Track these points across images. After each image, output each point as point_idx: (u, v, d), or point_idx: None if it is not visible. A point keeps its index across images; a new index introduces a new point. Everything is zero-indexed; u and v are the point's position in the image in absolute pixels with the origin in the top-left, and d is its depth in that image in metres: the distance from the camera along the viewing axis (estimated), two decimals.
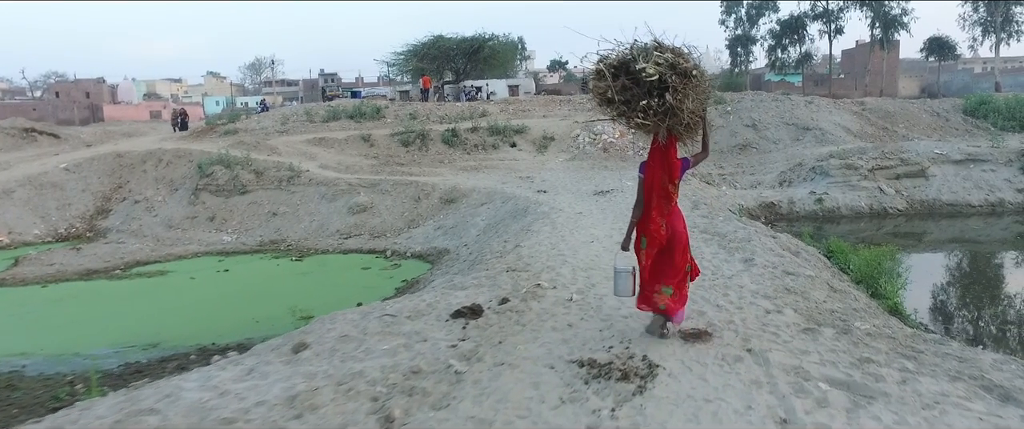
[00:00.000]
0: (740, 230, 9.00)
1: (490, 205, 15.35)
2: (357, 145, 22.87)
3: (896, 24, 44.82)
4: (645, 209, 4.84)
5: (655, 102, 4.43)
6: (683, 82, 4.46)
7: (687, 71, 4.50)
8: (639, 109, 4.49)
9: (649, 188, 4.80)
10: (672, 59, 4.47)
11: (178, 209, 18.51)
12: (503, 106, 29.68)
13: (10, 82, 69.48)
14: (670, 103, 4.39)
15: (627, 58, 4.60)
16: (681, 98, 4.42)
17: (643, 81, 4.44)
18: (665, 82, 4.41)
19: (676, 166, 4.75)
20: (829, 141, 22.73)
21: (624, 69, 4.58)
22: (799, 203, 17.02)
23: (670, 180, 4.73)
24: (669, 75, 4.41)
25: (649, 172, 4.80)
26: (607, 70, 4.61)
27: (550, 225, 10.52)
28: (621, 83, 4.54)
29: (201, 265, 14.27)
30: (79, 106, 52.37)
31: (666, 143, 4.73)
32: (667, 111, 4.43)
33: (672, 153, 4.75)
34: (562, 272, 7.07)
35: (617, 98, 4.57)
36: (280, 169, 19.09)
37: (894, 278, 7.97)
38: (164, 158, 20.86)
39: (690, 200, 13.28)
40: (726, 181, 19.95)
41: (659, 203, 4.77)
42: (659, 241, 4.78)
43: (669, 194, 4.78)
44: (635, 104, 4.50)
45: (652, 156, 4.84)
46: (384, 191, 17.48)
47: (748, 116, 24.81)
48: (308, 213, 17.33)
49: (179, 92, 71.43)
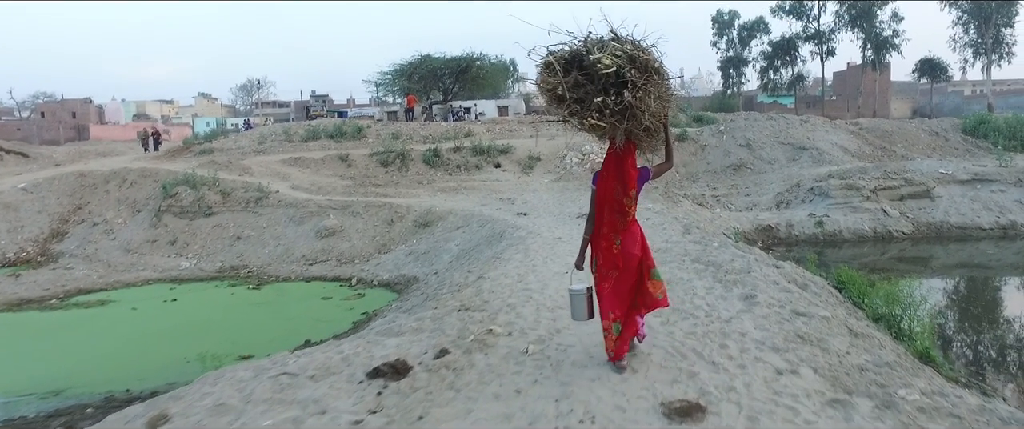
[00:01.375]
0: (738, 259, 7.71)
1: (466, 229, 14.07)
2: (334, 165, 21.60)
3: (888, 46, 44.08)
4: (596, 225, 4.34)
5: (611, 99, 3.89)
6: (643, 78, 3.94)
7: (647, 65, 3.98)
8: (593, 107, 3.92)
9: (602, 201, 4.28)
10: (631, 51, 3.96)
11: (138, 232, 17.16)
12: (490, 126, 28.52)
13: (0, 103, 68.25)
14: (628, 101, 3.85)
15: (580, 51, 4.07)
16: (641, 96, 3.90)
17: (598, 76, 3.92)
18: (623, 77, 3.88)
19: (632, 176, 4.18)
20: (826, 161, 21.58)
21: (577, 63, 4.04)
22: (798, 226, 15.78)
23: (625, 192, 4.18)
24: (627, 69, 3.89)
25: (602, 183, 4.28)
26: (557, 63, 4.06)
27: (523, 252, 9.22)
28: (573, 78, 3.99)
29: (148, 294, 12.90)
30: (65, 126, 51.11)
31: (623, 150, 4.16)
32: (625, 111, 3.90)
33: (629, 161, 4.18)
34: (523, 312, 5.77)
35: (568, 95, 3.99)
36: (248, 190, 17.79)
37: (918, 315, 6.68)
38: (128, 178, 19.54)
39: (681, 224, 12.03)
40: (720, 203, 18.72)
41: (611, 218, 4.25)
42: (613, 262, 4.27)
43: (624, 208, 4.23)
44: (589, 102, 3.94)
45: (606, 164, 4.30)
46: (355, 214, 16.17)
47: (742, 135, 23.66)
48: (273, 237, 15.99)
49: (170, 113, 70.36)
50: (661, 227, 11.24)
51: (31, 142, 46.99)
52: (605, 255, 4.30)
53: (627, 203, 4.25)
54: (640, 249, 4.37)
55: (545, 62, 4.18)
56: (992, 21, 40.75)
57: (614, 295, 4.30)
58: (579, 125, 4.17)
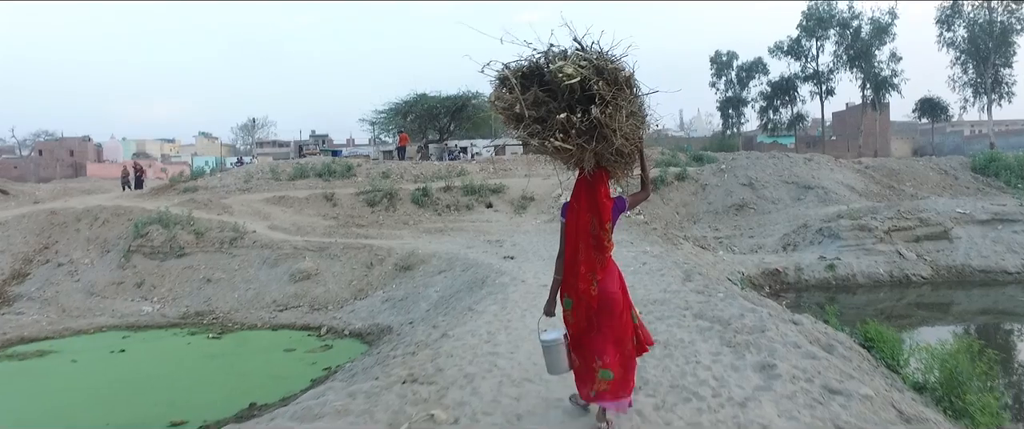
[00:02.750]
0: (748, 313, 6.46)
1: (449, 273, 12.84)
2: (318, 204, 20.48)
3: (887, 85, 43.35)
4: (569, 263, 3.80)
5: (577, 117, 3.39)
6: (612, 91, 3.42)
7: (617, 77, 3.46)
8: (556, 126, 3.41)
9: (573, 235, 3.77)
10: (598, 62, 3.44)
11: (105, 273, 15.95)
12: (483, 165, 27.51)
13: (2, 141, 67.87)
14: (596, 118, 3.36)
15: (540, 63, 3.59)
16: (611, 112, 3.40)
17: (561, 90, 3.41)
18: (589, 90, 3.38)
19: (607, 207, 3.70)
20: (833, 200, 20.40)
21: (537, 77, 3.56)
22: (808, 270, 14.52)
23: (600, 224, 3.69)
24: (594, 81, 3.37)
25: (573, 215, 3.78)
26: (514, 78, 3.56)
27: (500, 303, 7.98)
28: (533, 95, 3.50)
29: (97, 344, 11.64)
30: (62, 164, 50.48)
31: (594, 177, 3.71)
32: (593, 130, 3.41)
33: (602, 190, 3.72)
34: (481, 387, 4.52)
35: (527, 113, 3.49)
36: (223, 230, 16.62)
37: (981, 386, 5.40)
38: (101, 216, 18.42)
39: (682, 269, 10.79)
40: (723, 245, 17.49)
41: (587, 254, 3.72)
42: (587, 304, 3.72)
43: (601, 242, 3.72)
44: (551, 121, 3.44)
45: (576, 194, 3.79)
46: (333, 256, 14.96)
47: (744, 174, 22.55)
48: (245, 280, 14.76)
49: (171, 152, 69.90)
50: (660, 273, 10.00)
51: (27, 180, 46.35)
52: (582, 296, 3.72)
53: (603, 236, 3.71)
54: (620, 287, 3.83)
55: (500, 77, 3.67)
56: (990, 61, 40.09)
57: (600, 342, 3.73)
58: (541, 148, 3.62)
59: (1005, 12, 39.04)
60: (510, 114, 3.63)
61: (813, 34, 44.95)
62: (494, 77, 3.75)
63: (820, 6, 44.01)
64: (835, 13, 43.72)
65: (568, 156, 3.60)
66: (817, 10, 44.12)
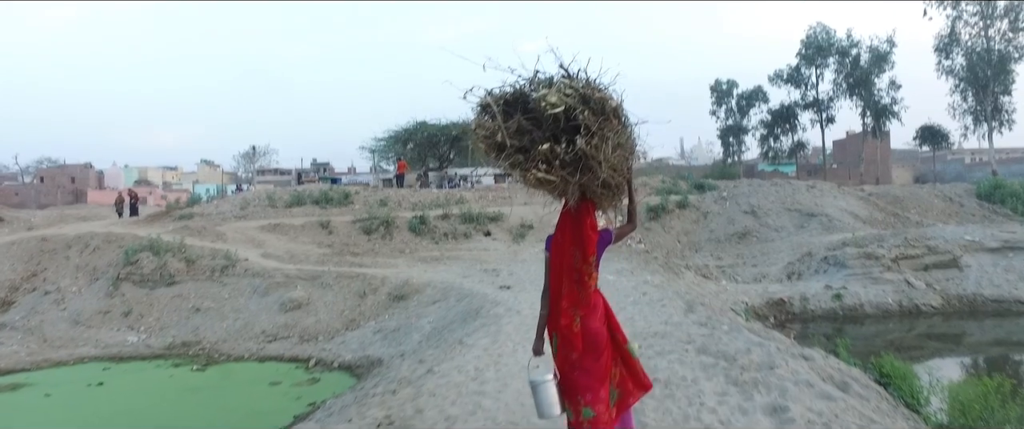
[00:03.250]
0: (755, 348, 6.01)
1: (443, 303, 12.40)
2: (313, 232, 20.09)
3: (887, 113, 43.17)
4: (552, 298, 3.64)
5: (561, 148, 3.25)
6: (599, 121, 3.28)
7: (603, 107, 3.32)
8: (539, 156, 3.26)
9: (557, 269, 3.62)
10: (584, 90, 3.30)
11: (92, 302, 15.50)
12: (483, 193, 27.20)
13: (4, 168, 67.86)
14: (581, 149, 3.21)
15: (524, 90, 3.45)
16: (597, 143, 3.25)
17: (545, 119, 3.28)
18: (575, 119, 3.25)
19: (591, 240, 3.55)
20: (837, 228, 19.99)
21: (520, 105, 3.41)
22: (814, 300, 14.03)
23: (584, 258, 3.54)
24: (579, 110, 3.24)
25: (556, 247, 3.64)
26: (496, 105, 3.43)
27: (492, 336, 7.54)
28: (516, 123, 3.36)
29: (75, 376, 11.16)
30: (63, 191, 50.31)
31: (579, 209, 3.55)
32: (578, 161, 3.26)
33: (586, 222, 3.56)
34: None
35: (509, 142, 3.34)
36: (215, 257, 16.21)
37: None
38: (92, 243, 18.02)
39: (684, 299, 10.35)
40: (726, 274, 17.03)
41: (570, 290, 3.57)
42: (572, 342, 3.56)
43: (582, 278, 3.56)
44: (534, 151, 3.29)
45: (561, 226, 3.65)
46: (325, 285, 14.52)
47: (746, 202, 22.18)
48: (234, 310, 14.30)
49: (173, 179, 69.83)
50: (661, 304, 9.55)
51: (27, 206, 46.12)
52: (564, 335, 3.56)
53: (586, 271, 3.54)
54: (604, 323, 3.64)
55: (482, 103, 3.51)
56: (990, 89, 39.97)
57: (584, 379, 3.54)
58: (523, 179, 3.43)
59: (1002, 41, 39.04)
60: (491, 143, 3.44)
61: (812, 62, 44.96)
62: (476, 104, 3.57)
63: (819, 34, 44.09)
64: (834, 41, 43.77)
65: (552, 187, 3.42)
66: (816, 38, 44.18)
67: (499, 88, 3.51)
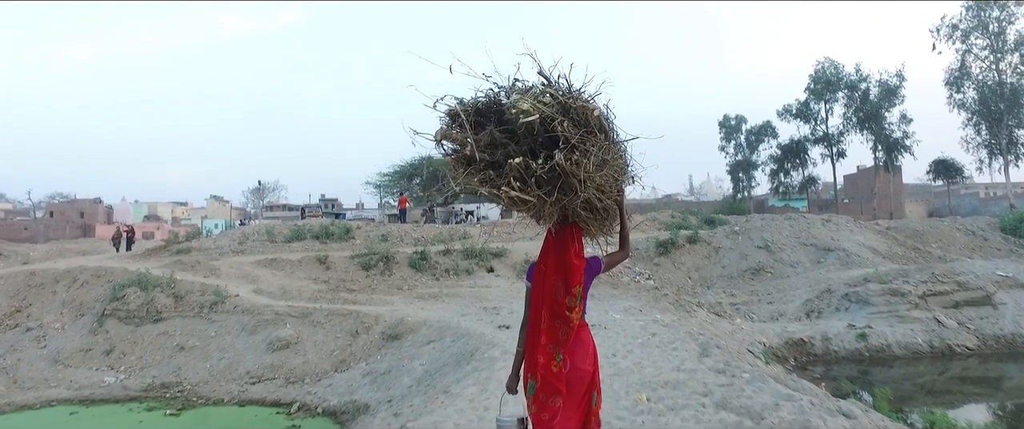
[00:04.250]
0: (784, 402, 5.07)
1: (438, 343, 11.48)
2: (310, 267, 19.29)
3: (899, 147, 42.21)
4: (531, 334, 3.16)
5: (537, 164, 2.79)
6: (580, 135, 2.83)
7: (586, 118, 2.89)
8: (511, 171, 2.78)
9: (538, 302, 3.13)
10: (564, 99, 2.86)
11: (74, 339, 14.70)
12: (488, 228, 26.42)
13: (18, 203, 68.06)
14: (559, 164, 2.76)
15: (499, 99, 3.00)
16: (578, 159, 2.80)
17: (521, 132, 2.84)
18: (553, 132, 2.81)
19: (577, 268, 3.06)
20: (855, 263, 18.95)
21: (494, 115, 2.98)
22: (837, 340, 12.97)
23: (567, 289, 3.04)
24: (558, 121, 2.80)
25: (538, 278, 3.17)
26: (465, 114, 2.97)
27: (482, 383, 6.64)
28: (488, 135, 2.89)
29: (41, 421, 10.35)
30: (72, 225, 50.05)
31: (563, 233, 3.08)
32: (556, 179, 2.81)
33: (572, 249, 3.07)
34: None
35: (478, 156, 2.86)
36: (205, 293, 15.42)
37: None
38: (80, 278, 17.33)
39: (697, 341, 9.40)
40: (740, 312, 16.00)
41: (551, 325, 3.05)
42: (554, 386, 3.05)
43: (563, 312, 3.03)
44: (508, 166, 2.81)
45: (544, 253, 3.17)
46: (316, 323, 13.64)
47: (759, 237, 21.22)
48: (220, 348, 13.44)
49: (182, 214, 69.68)
50: (672, 346, 8.60)
51: (36, 240, 45.78)
52: (544, 375, 3.12)
53: (569, 304, 3.12)
54: (593, 364, 3.26)
55: (450, 112, 3.12)
56: (1003, 122, 39.03)
57: (563, 423, 3.14)
58: (494, 197, 3.01)
59: (1014, 74, 38.24)
60: (460, 157, 3.05)
61: (821, 97, 44.34)
62: (443, 112, 3.17)
63: (827, 69, 43.53)
64: (843, 76, 43.17)
65: (527, 208, 2.99)
66: (824, 73, 43.62)
67: (472, 96, 3.13)
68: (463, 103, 3.15)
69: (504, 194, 2.89)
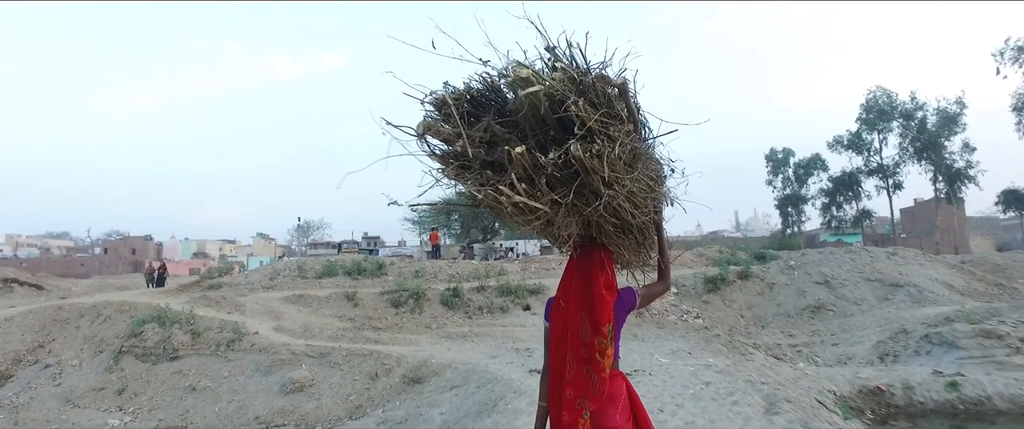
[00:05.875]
0: None
1: (462, 390, 10.15)
2: (338, 304, 18.29)
3: (962, 177, 39.33)
4: (553, 386, 2.57)
5: (549, 157, 2.18)
6: (601, 118, 2.20)
7: (607, 98, 2.28)
8: (515, 167, 2.19)
9: (558, 344, 2.58)
10: (580, 77, 2.25)
11: (90, 377, 13.93)
12: (525, 264, 25.17)
13: (80, 241, 70.30)
14: (577, 156, 2.13)
15: (497, 83, 2.46)
16: (600, 149, 2.17)
17: (525, 121, 2.28)
18: (566, 119, 2.19)
19: (605, 303, 2.50)
20: (928, 300, 16.88)
21: (493, 103, 2.45)
22: (920, 389, 11.04)
23: (595, 329, 2.46)
24: (572, 100, 2.16)
25: (557, 315, 2.63)
26: (455, 101, 2.39)
27: None
28: (486, 126, 2.33)
29: None
30: (124, 261, 51.11)
31: (589, 258, 2.57)
32: (573, 180, 2.20)
33: (599, 278, 2.53)
34: None
35: (472, 152, 2.28)
36: (223, 330, 14.53)
37: None
38: (104, 313, 16.71)
39: (760, 391, 7.85)
40: (801, 355, 14.19)
41: (577, 374, 2.47)
42: None
43: (593, 356, 2.46)
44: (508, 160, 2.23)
45: (565, 282, 2.66)
46: (334, 364, 12.49)
47: (818, 271, 19.33)
48: (231, 390, 12.38)
49: (229, 252, 70.72)
50: (731, 400, 7.08)
51: (90, 276, 46.72)
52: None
53: (599, 346, 2.44)
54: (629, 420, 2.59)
55: (437, 100, 2.44)
56: None
57: None
58: (495, 206, 2.30)
59: None
60: (449, 157, 2.44)
61: (874, 126, 42.04)
62: (428, 101, 2.51)
63: (880, 98, 41.28)
64: (897, 104, 40.85)
65: (538, 221, 2.31)
66: (876, 102, 41.39)
67: (465, 82, 2.51)
68: (454, 90, 2.50)
69: (507, 201, 2.19)
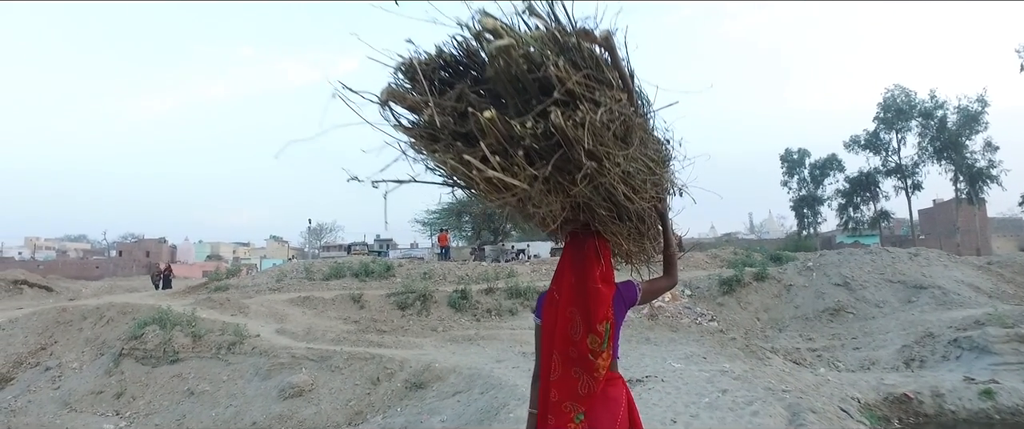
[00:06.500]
0: None
1: (464, 396, 9.65)
2: (343, 306, 17.87)
3: (984, 177, 38.18)
4: (543, 386, 2.36)
5: (526, 127, 1.86)
6: (585, 80, 1.89)
7: (595, 61, 1.98)
8: (488, 137, 1.88)
9: (548, 343, 2.36)
10: (563, 37, 1.93)
11: (89, 380, 13.62)
12: (535, 266, 24.65)
13: (96, 243, 70.81)
14: (556, 124, 1.82)
15: (470, 46, 2.06)
16: (583, 116, 1.85)
17: (504, 87, 1.91)
18: (548, 82, 1.86)
19: (601, 297, 2.25)
20: (954, 303, 16.12)
21: (466, 69, 2.09)
22: (951, 396, 10.34)
23: (589, 326, 2.23)
24: (552, 60, 1.84)
25: (549, 309, 2.40)
26: (425, 67, 2.05)
27: None
28: (458, 94, 1.98)
29: None
30: (138, 264, 51.26)
31: (578, 248, 2.33)
32: (554, 150, 1.90)
33: (593, 271, 2.29)
34: None
35: (440, 120, 1.95)
36: (224, 333, 14.14)
37: None
38: (107, 315, 16.41)
39: (780, 400, 7.28)
40: (822, 359, 13.53)
41: (565, 375, 2.26)
42: None
43: (584, 355, 2.23)
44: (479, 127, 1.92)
45: (558, 275, 2.42)
46: (334, 368, 12.03)
47: (837, 273, 18.62)
48: (229, 395, 11.97)
49: (243, 255, 70.86)
50: (750, 409, 6.51)
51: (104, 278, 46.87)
52: None
53: (593, 347, 2.21)
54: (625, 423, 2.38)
55: (404, 66, 2.09)
56: None
57: None
58: (465, 181, 2.06)
59: None
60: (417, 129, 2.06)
61: (892, 126, 40.98)
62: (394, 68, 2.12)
63: (898, 96, 40.25)
64: (916, 103, 39.79)
65: (516, 200, 1.98)
66: (895, 101, 40.35)
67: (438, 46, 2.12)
68: (425, 55, 2.14)
69: (478, 176, 1.88)
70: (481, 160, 1.87)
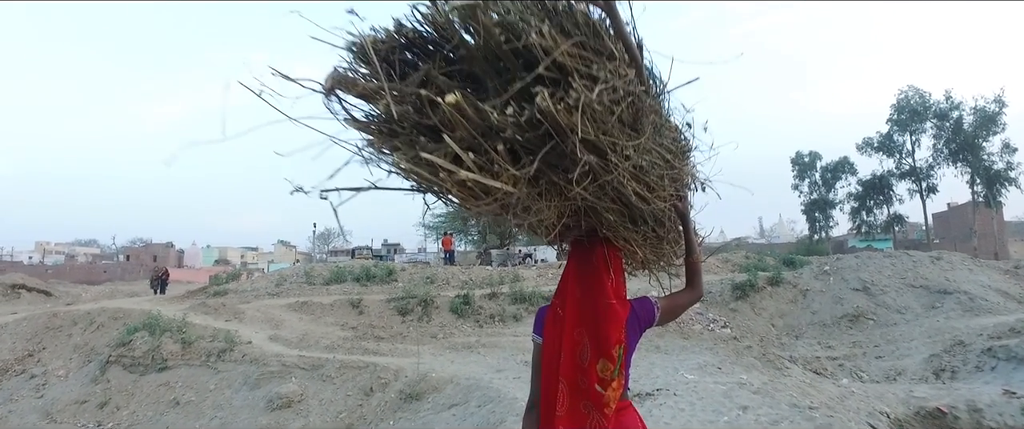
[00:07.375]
0: None
1: (461, 408, 8.90)
2: (342, 312, 17.17)
3: (1002, 180, 36.98)
4: (543, 419, 1.93)
5: (507, 114, 1.42)
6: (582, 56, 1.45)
7: (591, 26, 1.54)
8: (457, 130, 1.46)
9: (550, 368, 1.93)
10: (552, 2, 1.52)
11: (74, 389, 13.00)
12: (541, 270, 23.91)
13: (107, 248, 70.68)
14: (544, 110, 1.36)
15: (437, 21, 1.59)
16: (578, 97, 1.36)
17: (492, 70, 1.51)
18: (531, 52, 1.41)
19: (613, 315, 1.87)
20: (982, 309, 15.21)
21: (438, 46, 1.64)
22: (991, 412, 9.42)
23: (600, 351, 1.84)
24: (534, 29, 1.39)
25: (552, 329, 1.96)
26: (378, 46, 1.62)
27: None
28: (423, 78, 1.57)
29: None
30: (145, 268, 50.95)
31: (583, 257, 1.96)
32: (543, 140, 1.47)
33: (603, 283, 1.91)
34: None
35: (397, 111, 1.52)
36: (215, 339, 13.48)
37: None
38: (98, 320, 15.82)
39: (806, 417, 6.49)
40: (843, 369, 12.66)
41: (572, 407, 1.84)
42: None
43: (591, 385, 1.84)
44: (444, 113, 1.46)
45: (562, 289, 2.01)
46: (326, 377, 11.31)
47: (855, 277, 17.73)
48: (215, 405, 11.28)
49: (251, 260, 70.50)
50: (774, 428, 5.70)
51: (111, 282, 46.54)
52: None
53: (603, 375, 1.82)
54: None
55: (354, 45, 1.67)
56: None
57: None
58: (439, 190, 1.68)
59: None
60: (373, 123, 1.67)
61: (906, 128, 39.85)
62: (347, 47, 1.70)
63: (912, 97, 39.17)
64: (930, 104, 38.69)
65: (499, 206, 1.57)
66: (908, 102, 39.27)
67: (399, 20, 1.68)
68: (381, 32, 1.67)
69: (448, 179, 1.44)
70: (452, 159, 1.45)
